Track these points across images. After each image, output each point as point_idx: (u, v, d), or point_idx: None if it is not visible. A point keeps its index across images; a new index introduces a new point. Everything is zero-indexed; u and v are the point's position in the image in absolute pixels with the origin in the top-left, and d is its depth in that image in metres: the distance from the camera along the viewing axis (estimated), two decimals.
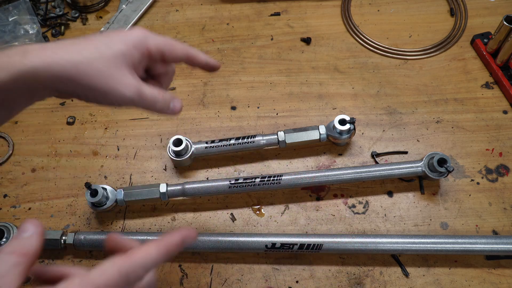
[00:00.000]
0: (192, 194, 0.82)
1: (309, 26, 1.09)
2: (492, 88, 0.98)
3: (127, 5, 1.12)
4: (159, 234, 0.79)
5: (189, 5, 1.14)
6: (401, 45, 1.05)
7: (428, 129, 0.93)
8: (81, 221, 0.84)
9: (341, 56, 1.04)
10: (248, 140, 0.86)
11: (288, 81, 1.00)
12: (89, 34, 0.51)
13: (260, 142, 0.87)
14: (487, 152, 0.90)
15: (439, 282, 0.77)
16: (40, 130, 0.95)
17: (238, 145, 0.86)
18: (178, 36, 1.08)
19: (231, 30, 1.09)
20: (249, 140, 0.86)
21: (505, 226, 0.82)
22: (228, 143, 0.86)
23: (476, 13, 1.09)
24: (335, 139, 0.87)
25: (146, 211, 0.85)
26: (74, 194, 0.87)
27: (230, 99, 0.98)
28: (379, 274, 0.78)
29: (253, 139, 0.86)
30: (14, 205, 0.86)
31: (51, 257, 0.81)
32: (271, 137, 0.87)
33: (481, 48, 1.01)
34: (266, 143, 0.87)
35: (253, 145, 0.86)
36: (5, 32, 1.05)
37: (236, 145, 0.86)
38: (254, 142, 0.86)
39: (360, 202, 0.85)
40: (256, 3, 1.13)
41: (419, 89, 0.98)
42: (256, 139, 0.87)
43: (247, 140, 0.86)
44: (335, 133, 0.86)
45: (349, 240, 0.76)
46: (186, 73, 1.03)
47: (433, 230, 0.82)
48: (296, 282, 0.77)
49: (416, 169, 0.84)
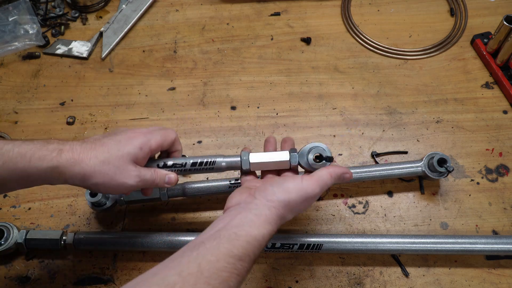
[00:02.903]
0: (192, 194, 0.82)
1: (309, 26, 1.09)
2: (492, 88, 0.98)
3: (127, 5, 1.12)
4: (159, 234, 0.79)
5: (189, 5, 1.14)
6: (401, 45, 1.05)
7: (428, 129, 0.93)
8: (81, 221, 0.84)
9: (341, 56, 1.04)
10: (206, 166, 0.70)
11: (288, 81, 1.00)
12: (106, 136, 0.64)
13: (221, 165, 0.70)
14: (487, 152, 0.90)
15: (439, 282, 0.77)
16: (40, 130, 0.95)
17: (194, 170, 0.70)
18: (178, 36, 1.08)
19: (231, 30, 1.09)
20: (207, 167, 0.70)
21: (505, 226, 0.82)
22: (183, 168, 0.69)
23: (476, 13, 1.09)
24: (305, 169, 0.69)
25: (146, 211, 0.85)
26: (74, 194, 0.87)
27: (230, 99, 0.98)
28: (379, 274, 0.78)
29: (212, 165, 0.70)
30: (14, 205, 0.86)
31: (51, 257, 0.81)
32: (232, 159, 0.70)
33: (481, 48, 1.01)
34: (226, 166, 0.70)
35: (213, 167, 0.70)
36: (5, 32, 1.05)
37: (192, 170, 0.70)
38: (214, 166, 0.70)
39: (360, 202, 0.85)
40: (256, 3, 1.13)
41: (419, 89, 0.98)
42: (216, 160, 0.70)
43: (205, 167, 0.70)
44: (306, 165, 0.67)
45: (349, 240, 0.76)
46: (186, 73, 1.03)
47: (433, 230, 0.82)
48: (296, 282, 0.77)
49: (416, 169, 0.84)
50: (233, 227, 0.54)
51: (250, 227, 0.54)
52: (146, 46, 1.07)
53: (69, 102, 0.99)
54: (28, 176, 0.57)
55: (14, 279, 0.78)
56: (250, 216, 0.55)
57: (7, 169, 0.56)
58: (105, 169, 0.59)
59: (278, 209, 0.57)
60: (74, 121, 0.96)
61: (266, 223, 0.55)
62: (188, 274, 0.48)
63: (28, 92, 1.01)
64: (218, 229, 0.54)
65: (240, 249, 0.51)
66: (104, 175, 0.59)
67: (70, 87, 1.01)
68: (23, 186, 0.60)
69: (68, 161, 0.58)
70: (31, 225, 0.84)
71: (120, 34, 1.08)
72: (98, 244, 0.78)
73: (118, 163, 0.60)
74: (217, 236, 0.53)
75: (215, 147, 0.92)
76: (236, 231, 0.53)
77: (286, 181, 0.60)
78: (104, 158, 0.60)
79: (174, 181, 0.67)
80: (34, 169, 0.57)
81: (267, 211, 0.56)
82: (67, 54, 1.05)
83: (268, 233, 0.55)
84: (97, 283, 0.78)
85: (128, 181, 0.61)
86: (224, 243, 0.51)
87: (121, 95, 1.00)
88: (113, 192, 0.62)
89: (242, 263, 0.51)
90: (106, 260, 0.80)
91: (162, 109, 0.97)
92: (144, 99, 0.99)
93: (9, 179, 0.57)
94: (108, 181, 0.60)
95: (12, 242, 0.78)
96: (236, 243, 0.52)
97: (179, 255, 0.52)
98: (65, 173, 0.58)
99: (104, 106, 0.98)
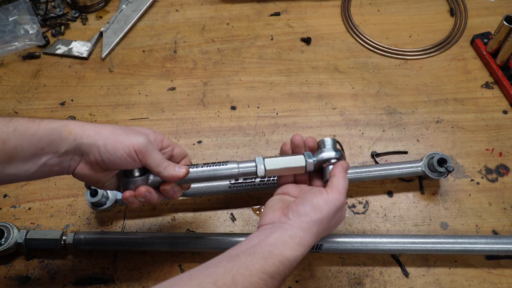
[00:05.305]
0: (192, 194, 0.82)
1: (309, 26, 1.09)
2: (492, 88, 0.98)
3: (127, 5, 1.12)
4: (159, 234, 0.79)
5: (189, 5, 1.14)
6: (401, 45, 1.05)
7: (428, 129, 0.93)
8: (81, 221, 0.84)
9: (341, 56, 1.04)
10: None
11: (288, 81, 1.00)
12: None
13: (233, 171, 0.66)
14: (487, 152, 0.90)
15: (439, 282, 0.77)
16: None
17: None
18: (178, 36, 1.08)
19: (231, 30, 1.09)
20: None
21: (505, 226, 0.82)
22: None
23: (476, 13, 1.09)
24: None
25: (146, 211, 0.85)
26: (74, 194, 0.87)
27: (230, 99, 0.98)
28: (379, 274, 0.78)
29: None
30: (14, 205, 0.86)
31: (51, 257, 0.81)
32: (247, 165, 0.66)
33: (481, 48, 1.01)
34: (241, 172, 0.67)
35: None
36: (5, 32, 1.05)
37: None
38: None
39: (360, 202, 0.85)
40: (256, 3, 1.13)
41: (419, 89, 0.98)
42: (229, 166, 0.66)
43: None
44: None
45: (349, 240, 0.76)
46: (186, 73, 1.03)
47: (433, 230, 0.82)
48: (296, 282, 0.77)
49: (416, 169, 0.84)
50: (268, 245, 0.55)
51: (284, 247, 0.55)
52: (146, 46, 1.07)
53: (69, 102, 0.99)
54: (38, 140, 0.57)
55: (14, 279, 0.78)
56: (284, 237, 0.56)
57: (18, 134, 0.56)
58: (118, 128, 0.61)
59: (312, 230, 0.58)
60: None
61: (300, 245, 0.56)
62: (223, 284, 0.50)
63: (28, 92, 1.01)
64: (253, 245, 0.55)
65: (273, 267, 0.53)
66: (115, 131, 0.60)
67: (70, 87, 1.01)
68: (33, 156, 0.58)
69: (77, 122, 0.60)
70: (31, 225, 0.84)
71: (120, 34, 1.08)
72: (98, 244, 0.78)
73: (132, 128, 0.62)
74: (252, 252, 0.54)
75: (215, 147, 0.92)
76: (271, 250, 0.55)
77: (316, 197, 0.60)
78: (116, 125, 0.62)
79: (184, 173, 0.63)
80: (44, 130, 0.57)
81: (301, 232, 0.57)
82: (67, 54, 1.05)
83: (301, 254, 0.57)
84: (97, 283, 0.78)
85: (139, 138, 0.60)
86: (258, 260, 0.53)
87: (121, 95, 1.00)
88: (119, 153, 0.59)
89: (273, 281, 0.53)
90: (106, 260, 0.80)
91: (162, 109, 0.97)
92: (144, 99, 0.99)
93: (20, 147, 0.57)
94: (119, 134, 0.59)
95: (12, 242, 0.78)
96: (269, 261, 0.53)
97: (214, 264, 0.54)
98: (75, 130, 0.58)
99: (104, 106, 0.98)
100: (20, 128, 0.57)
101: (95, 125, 0.60)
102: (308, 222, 0.58)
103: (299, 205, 0.60)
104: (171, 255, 0.80)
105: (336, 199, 0.60)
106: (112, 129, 0.60)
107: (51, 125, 0.58)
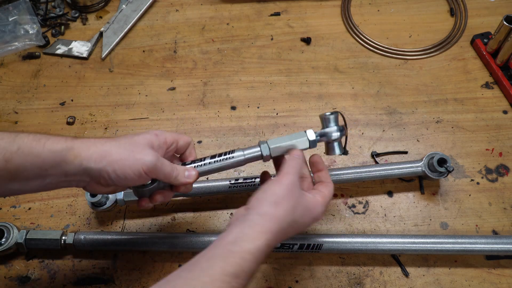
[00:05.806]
0: (192, 194, 0.82)
1: (309, 26, 1.09)
2: (492, 88, 0.98)
3: (127, 5, 1.12)
4: (159, 234, 0.79)
5: (189, 5, 1.14)
6: (401, 45, 1.05)
7: (428, 129, 0.93)
8: (81, 221, 0.84)
9: (341, 56, 1.04)
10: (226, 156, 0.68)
11: (288, 81, 1.00)
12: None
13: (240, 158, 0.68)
14: (487, 152, 0.90)
15: (439, 282, 0.77)
16: (40, 130, 0.95)
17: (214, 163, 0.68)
18: (178, 36, 1.08)
19: (231, 30, 1.09)
20: (227, 156, 0.68)
21: (505, 226, 0.82)
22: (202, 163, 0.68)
23: (476, 13, 1.09)
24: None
25: (146, 211, 0.85)
26: (74, 194, 0.87)
27: (230, 99, 0.98)
28: (379, 274, 0.78)
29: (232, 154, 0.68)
30: (14, 205, 0.86)
31: (51, 257, 0.81)
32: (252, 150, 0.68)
33: (481, 48, 1.01)
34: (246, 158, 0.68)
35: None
36: (5, 32, 1.05)
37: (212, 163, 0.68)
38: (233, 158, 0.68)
39: (360, 202, 0.85)
40: (256, 3, 1.13)
41: (419, 89, 0.98)
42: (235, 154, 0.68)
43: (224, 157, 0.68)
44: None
45: (349, 240, 0.76)
46: (186, 73, 1.03)
47: (433, 230, 0.82)
48: (296, 282, 0.77)
49: (416, 169, 0.84)
50: (227, 244, 0.53)
51: (243, 241, 0.53)
52: (146, 46, 1.07)
53: (69, 102, 0.99)
54: (42, 162, 0.56)
55: (14, 279, 0.78)
56: (244, 230, 0.54)
57: (22, 154, 0.55)
58: (122, 147, 0.59)
59: (273, 214, 0.55)
60: (74, 121, 0.96)
61: (261, 233, 0.53)
62: None
63: (28, 92, 1.01)
64: (214, 246, 0.53)
65: (235, 266, 0.50)
66: (121, 152, 0.58)
67: (70, 87, 1.01)
68: (37, 176, 0.57)
69: (83, 143, 0.58)
70: (31, 225, 0.84)
71: (120, 34, 1.08)
72: (98, 244, 0.78)
73: (135, 143, 0.60)
74: (212, 256, 0.52)
75: (215, 147, 0.92)
76: (230, 248, 0.52)
77: (267, 183, 0.59)
78: (119, 140, 0.60)
79: (194, 177, 0.64)
80: (48, 152, 0.56)
81: (261, 219, 0.55)
82: (67, 54, 1.05)
83: (265, 244, 0.53)
84: (97, 283, 0.78)
85: (146, 157, 0.59)
86: (218, 262, 0.51)
87: (121, 95, 1.00)
88: (129, 176, 0.58)
89: (237, 280, 0.50)
90: (106, 260, 0.80)
91: (162, 109, 0.97)
92: (144, 99, 0.99)
93: (23, 167, 0.55)
94: (126, 157, 0.58)
95: (12, 242, 0.78)
96: (230, 260, 0.51)
97: (176, 276, 0.52)
98: (81, 154, 0.57)
99: (104, 106, 0.98)
100: (24, 147, 0.55)
101: (99, 147, 0.58)
102: (266, 206, 0.56)
103: (255, 194, 0.59)
104: (171, 255, 0.80)
105: (286, 178, 0.59)
106: (117, 149, 0.59)
107: (56, 146, 0.57)
